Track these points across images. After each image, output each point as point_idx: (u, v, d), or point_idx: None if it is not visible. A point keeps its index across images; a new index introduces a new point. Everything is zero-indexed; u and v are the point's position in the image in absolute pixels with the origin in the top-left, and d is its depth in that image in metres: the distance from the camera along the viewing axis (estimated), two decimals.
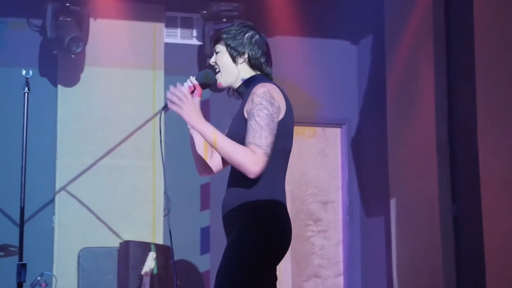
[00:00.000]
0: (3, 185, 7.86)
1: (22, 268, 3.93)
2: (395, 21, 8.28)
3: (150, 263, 7.20)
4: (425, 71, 7.62)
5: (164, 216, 8.40)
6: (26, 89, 5.01)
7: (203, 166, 4.32)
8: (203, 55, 8.63)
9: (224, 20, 8.44)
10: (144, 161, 8.43)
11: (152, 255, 7.26)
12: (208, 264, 8.45)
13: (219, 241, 8.13)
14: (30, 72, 4.78)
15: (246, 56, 4.13)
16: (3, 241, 7.01)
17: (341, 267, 9.04)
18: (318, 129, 9.19)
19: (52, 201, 8.15)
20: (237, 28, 4.19)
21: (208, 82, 4.19)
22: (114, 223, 8.22)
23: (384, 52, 8.48)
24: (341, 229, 9.09)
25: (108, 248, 8.06)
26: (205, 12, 8.51)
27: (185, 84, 4.16)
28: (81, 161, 8.26)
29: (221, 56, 4.15)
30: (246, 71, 4.15)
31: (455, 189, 7.30)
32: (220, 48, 4.16)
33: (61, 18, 7.98)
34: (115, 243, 8.03)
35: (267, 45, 4.21)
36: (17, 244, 6.79)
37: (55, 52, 8.20)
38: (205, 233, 8.52)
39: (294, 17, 8.86)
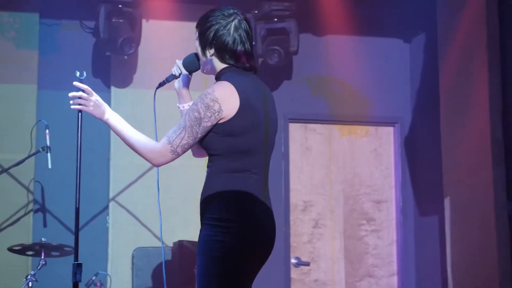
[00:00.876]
0: (59, 186, 7.94)
1: (77, 267, 3.96)
2: (448, 18, 8.19)
3: None
4: (479, 68, 7.53)
5: None
6: (81, 91, 5.02)
7: (198, 148, 4.33)
8: (255, 55, 8.62)
9: (276, 19, 8.42)
10: (197, 160, 8.41)
11: None
12: None
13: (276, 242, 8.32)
14: (84, 74, 4.80)
15: (213, 50, 4.14)
16: (58, 241, 7.07)
17: (395, 267, 8.97)
18: (371, 128, 9.13)
19: (106, 203, 8.21)
20: (210, 17, 4.17)
21: (191, 65, 4.24)
22: (167, 223, 8.24)
23: (437, 50, 8.40)
24: (394, 228, 9.02)
25: (161, 247, 8.08)
26: (256, 11, 8.49)
27: (175, 67, 4.29)
28: (134, 162, 8.29)
29: (196, 45, 4.23)
30: (217, 63, 4.18)
31: (511, 187, 7.21)
32: (196, 36, 4.23)
33: (113, 20, 8.02)
34: (168, 242, 8.06)
35: (245, 31, 4.17)
36: (71, 244, 6.91)
37: (108, 53, 8.26)
38: None
39: (346, 16, 8.81)
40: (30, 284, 6.72)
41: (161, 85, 4.37)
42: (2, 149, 7.99)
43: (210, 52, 4.15)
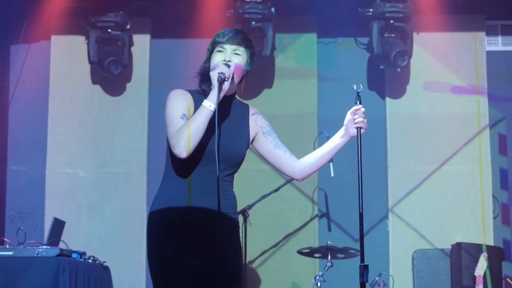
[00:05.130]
0: (341, 193, 8.02)
1: (364, 269, 3.94)
2: None
3: (482, 264, 7.00)
4: None
5: (494, 218, 8.12)
6: (358, 102, 5.01)
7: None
8: None
9: None
10: (471, 166, 8.22)
11: (484, 257, 7.05)
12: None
13: None
14: (361, 86, 4.79)
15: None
16: (341, 244, 7.14)
17: None
18: None
19: (386, 210, 8.19)
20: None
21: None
22: (444, 226, 8.09)
23: None
24: None
25: (440, 249, 7.96)
26: None
27: (228, 69, 3.77)
28: (410, 168, 8.23)
29: (241, 61, 3.85)
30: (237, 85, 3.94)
31: None
32: (243, 52, 3.87)
33: (386, 35, 8.04)
34: (446, 245, 7.89)
35: None
36: (354, 247, 6.95)
37: (381, 67, 8.29)
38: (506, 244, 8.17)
39: None
40: (318, 284, 6.82)
41: (222, 80, 3.75)
42: None
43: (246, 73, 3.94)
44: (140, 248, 8.06)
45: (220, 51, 3.86)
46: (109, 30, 8.06)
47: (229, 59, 3.82)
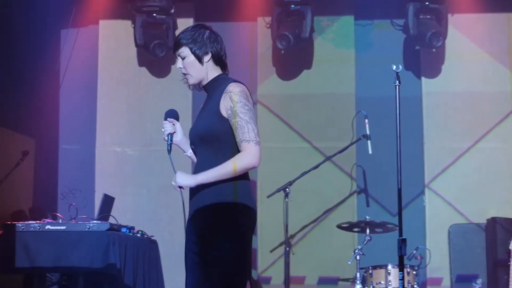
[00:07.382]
0: (378, 169, 7.95)
1: (402, 242, 3.88)
2: None
3: None
4: None
5: None
6: (397, 82, 4.93)
7: None
8: None
9: None
10: (506, 143, 8.08)
11: None
12: None
13: None
14: (400, 67, 4.69)
15: (209, 55, 3.99)
16: (379, 219, 7.07)
17: None
18: None
19: (423, 186, 8.08)
20: (194, 30, 4.04)
21: (175, 113, 4.12)
22: (479, 201, 7.97)
23: None
24: None
25: (475, 224, 7.85)
26: None
27: (165, 126, 4.08)
28: (446, 145, 8.11)
29: (188, 59, 4.00)
30: (212, 68, 4.02)
31: None
32: (185, 52, 4.00)
33: (421, 16, 7.91)
34: (481, 219, 7.78)
35: (222, 41, 4.09)
36: (392, 222, 6.87)
37: (417, 47, 8.18)
38: None
39: None
40: (357, 257, 6.75)
41: (170, 150, 4.09)
42: (326, 138, 8.14)
43: (207, 57, 4.01)
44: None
45: None
46: (154, 15, 8.00)
47: (180, 65, 4.04)
